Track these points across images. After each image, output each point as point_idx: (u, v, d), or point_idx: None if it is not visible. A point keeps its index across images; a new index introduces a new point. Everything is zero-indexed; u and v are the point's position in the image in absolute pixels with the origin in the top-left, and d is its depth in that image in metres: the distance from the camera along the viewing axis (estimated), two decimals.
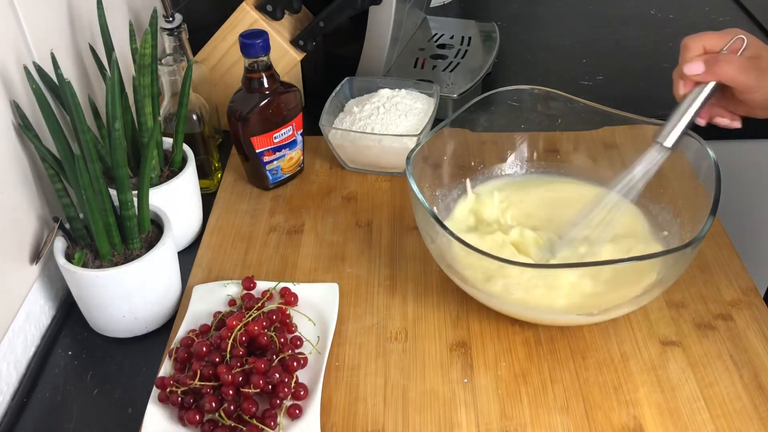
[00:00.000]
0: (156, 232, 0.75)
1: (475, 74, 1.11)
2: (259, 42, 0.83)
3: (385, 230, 0.87)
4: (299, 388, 0.65)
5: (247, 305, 0.72)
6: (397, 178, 0.96)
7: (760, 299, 0.76)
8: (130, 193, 0.71)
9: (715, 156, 0.71)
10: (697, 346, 0.72)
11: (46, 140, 0.71)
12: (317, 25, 0.99)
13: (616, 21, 1.34)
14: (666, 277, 0.67)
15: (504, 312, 0.73)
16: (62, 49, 0.80)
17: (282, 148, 0.91)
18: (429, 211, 0.68)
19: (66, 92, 0.65)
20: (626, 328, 0.74)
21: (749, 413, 0.65)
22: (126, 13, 0.98)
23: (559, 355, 0.71)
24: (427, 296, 0.78)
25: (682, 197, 0.77)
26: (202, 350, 0.66)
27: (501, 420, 0.65)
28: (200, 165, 0.91)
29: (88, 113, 0.75)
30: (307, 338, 0.71)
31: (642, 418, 0.65)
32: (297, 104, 0.90)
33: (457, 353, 0.71)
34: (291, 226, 0.88)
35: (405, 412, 0.66)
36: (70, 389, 0.71)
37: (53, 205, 0.78)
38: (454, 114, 0.80)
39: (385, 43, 1.03)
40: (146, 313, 0.74)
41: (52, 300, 0.78)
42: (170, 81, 0.87)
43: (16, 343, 0.71)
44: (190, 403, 0.64)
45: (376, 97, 0.97)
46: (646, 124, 0.78)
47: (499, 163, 0.87)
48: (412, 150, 0.75)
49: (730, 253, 0.82)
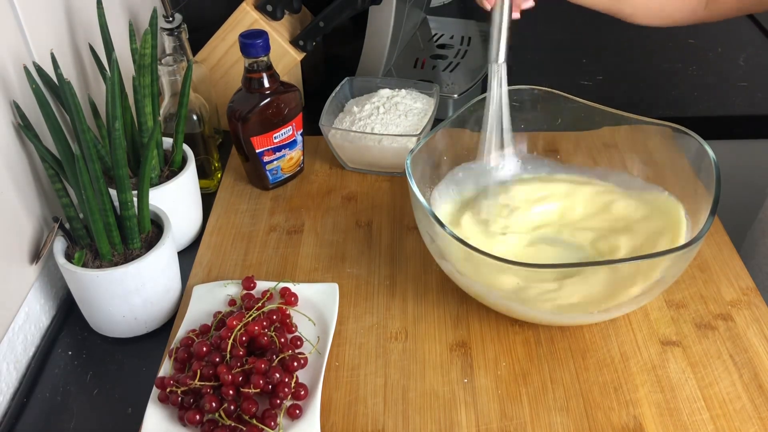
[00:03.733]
0: (156, 232, 0.75)
1: (475, 74, 1.11)
2: (259, 42, 0.83)
3: (385, 230, 0.87)
4: (299, 388, 0.65)
5: (247, 305, 0.72)
6: (397, 178, 0.96)
7: (760, 299, 0.76)
8: (130, 193, 0.71)
9: (715, 156, 0.71)
10: (697, 346, 0.72)
11: (46, 140, 0.71)
12: (317, 25, 0.99)
13: (615, 21, 1.34)
14: (666, 277, 0.67)
15: (504, 312, 0.73)
16: (62, 49, 0.80)
17: (282, 148, 0.91)
18: (429, 211, 0.68)
19: (66, 92, 0.65)
20: (626, 328, 0.74)
21: (749, 413, 0.65)
22: (126, 13, 0.98)
23: (559, 355, 0.71)
24: (427, 296, 0.78)
25: (681, 197, 0.77)
26: (202, 350, 0.66)
27: (501, 420, 0.65)
28: (200, 165, 0.91)
29: (88, 113, 0.75)
30: (307, 338, 0.71)
31: (642, 418, 0.65)
32: (297, 104, 0.90)
33: (457, 353, 0.72)
34: (291, 226, 0.88)
35: (405, 412, 0.66)
36: (70, 389, 0.71)
37: (53, 205, 0.78)
38: (454, 114, 0.80)
39: (385, 43, 1.03)
40: (146, 313, 0.74)
41: (52, 300, 0.78)
42: (170, 81, 0.87)
43: (16, 343, 0.71)
44: (190, 403, 0.64)
45: (376, 97, 0.97)
46: (646, 124, 0.78)
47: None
48: (412, 150, 0.75)
49: (730, 253, 0.82)
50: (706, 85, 1.17)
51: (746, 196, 1.17)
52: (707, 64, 1.22)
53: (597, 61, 1.23)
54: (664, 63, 1.22)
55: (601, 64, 1.14)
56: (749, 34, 1.31)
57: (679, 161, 0.77)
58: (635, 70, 1.20)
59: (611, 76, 1.19)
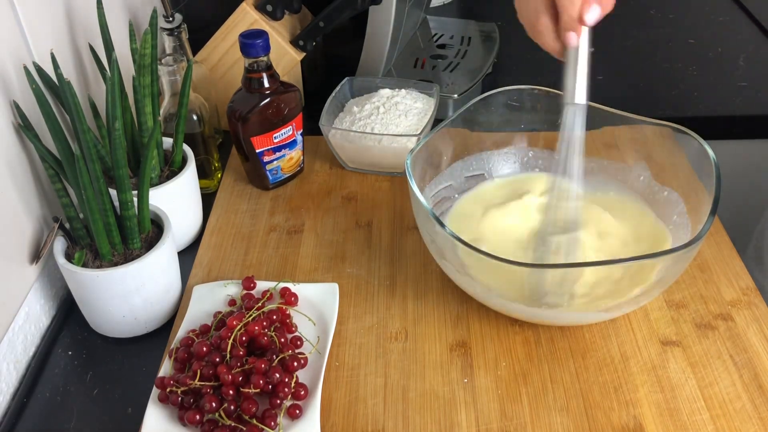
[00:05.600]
0: (156, 232, 0.75)
1: (475, 74, 1.11)
2: (259, 42, 0.83)
3: (385, 230, 0.87)
4: (299, 388, 0.65)
5: (247, 305, 0.72)
6: (397, 178, 0.96)
7: (760, 299, 0.77)
8: (130, 193, 0.71)
9: (715, 156, 0.71)
10: (697, 346, 0.72)
11: (46, 140, 0.71)
12: (317, 25, 0.99)
13: (616, 21, 1.34)
14: (666, 277, 0.67)
15: (504, 312, 0.73)
16: (62, 49, 0.80)
17: (282, 148, 0.91)
18: (429, 211, 0.68)
19: (66, 92, 0.65)
20: (626, 328, 0.74)
21: (749, 413, 0.65)
22: (126, 13, 0.98)
23: (559, 355, 0.71)
24: (427, 296, 0.78)
25: (681, 197, 0.77)
26: (202, 350, 0.66)
27: (501, 420, 0.65)
28: (200, 165, 0.91)
29: (88, 113, 0.75)
30: (307, 338, 0.71)
31: (642, 418, 0.65)
32: (297, 104, 0.90)
33: (457, 353, 0.72)
34: (291, 226, 0.88)
35: (405, 412, 0.66)
36: (70, 389, 0.71)
37: (53, 205, 0.78)
38: (454, 114, 0.80)
39: (385, 43, 1.03)
40: (146, 313, 0.74)
41: (52, 300, 0.78)
42: (170, 81, 0.87)
43: (16, 343, 0.71)
44: (190, 403, 0.64)
45: (376, 97, 0.97)
46: (646, 124, 0.78)
47: (499, 163, 0.87)
48: (412, 150, 0.75)
49: (730, 253, 0.82)
50: (706, 85, 1.17)
51: (746, 196, 1.17)
52: (707, 64, 1.22)
53: (597, 61, 1.23)
54: (664, 63, 1.22)
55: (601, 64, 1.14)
56: (749, 34, 1.30)
57: (679, 161, 0.77)
58: (635, 70, 1.20)
59: (611, 76, 1.19)
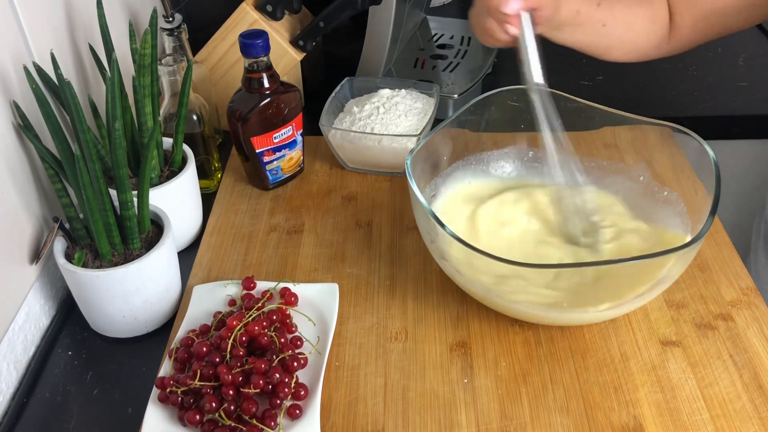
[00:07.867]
0: (156, 232, 0.75)
1: (475, 74, 1.11)
2: (259, 42, 0.83)
3: (385, 230, 0.87)
4: (299, 388, 0.65)
5: (247, 305, 0.72)
6: (397, 178, 0.96)
7: (760, 299, 0.76)
8: (130, 193, 0.71)
9: (715, 156, 0.71)
10: (697, 346, 0.72)
11: (46, 140, 0.71)
12: (317, 25, 0.99)
13: None
14: (666, 277, 0.67)
15: (504, 312, 0.73)
16: (62, 49, 0.80)
17: (282, 148, 0.91)
18: (429, 211, 0.68)
19: (66, 92, 0.65)
20: (626, 328, 0.74)
21: (749, 413, 0.65)
22: (126, 13, 0.98)
23: (559, 356, 0.71)
24: (427, 296, 0.78)
25: (681, 197, 0.77)
26: (202, 350, 0.66)
27: (501, 420, 0.65)
28: (200, 165, 0.91)
29: (88, 113, 0.75)
30: (307, 338, 0.71)
31: (642, 418, 0.65)
32: (297, 104, 0.90)
33: (457, 353, 0.71)
34: (291, 226, 0.88)
35: (405, 412, 0.66)
36: (70, 389, 0.71)
37: (53, 205, 0.78)
38: (454, 114, 0.80)
39: (385, 43, 1.03)
40: (146, 313, 0.74)
41: (52, 300, 0.78)
42: (170, 81, 0.87)
43: (16, 343, 0.71)
44: (190, 403, 0.64)
45: (376, 97, 0.97)
46: (646, 124, 0.78)
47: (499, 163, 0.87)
48: (412, 150, 0.75)
49: (730, 253, 0.82)
50: (706, 85, 1.17)
51: (746, 196, 1.17)
52: (707, 64, 1.22)
53: (597, 61, 1.23)
54: (664, 63, 1.22)
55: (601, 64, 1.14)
56: (749, 34, 1.30)
57: (679, 161, 0.77)
58: (635, 70, 1.20)
59: (611, 76, 1.19)
